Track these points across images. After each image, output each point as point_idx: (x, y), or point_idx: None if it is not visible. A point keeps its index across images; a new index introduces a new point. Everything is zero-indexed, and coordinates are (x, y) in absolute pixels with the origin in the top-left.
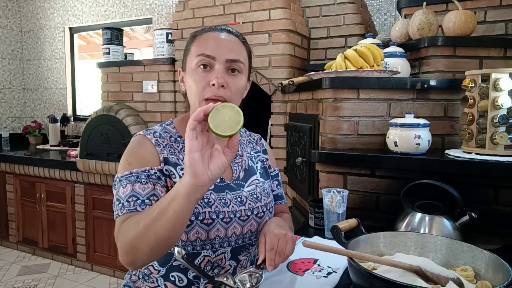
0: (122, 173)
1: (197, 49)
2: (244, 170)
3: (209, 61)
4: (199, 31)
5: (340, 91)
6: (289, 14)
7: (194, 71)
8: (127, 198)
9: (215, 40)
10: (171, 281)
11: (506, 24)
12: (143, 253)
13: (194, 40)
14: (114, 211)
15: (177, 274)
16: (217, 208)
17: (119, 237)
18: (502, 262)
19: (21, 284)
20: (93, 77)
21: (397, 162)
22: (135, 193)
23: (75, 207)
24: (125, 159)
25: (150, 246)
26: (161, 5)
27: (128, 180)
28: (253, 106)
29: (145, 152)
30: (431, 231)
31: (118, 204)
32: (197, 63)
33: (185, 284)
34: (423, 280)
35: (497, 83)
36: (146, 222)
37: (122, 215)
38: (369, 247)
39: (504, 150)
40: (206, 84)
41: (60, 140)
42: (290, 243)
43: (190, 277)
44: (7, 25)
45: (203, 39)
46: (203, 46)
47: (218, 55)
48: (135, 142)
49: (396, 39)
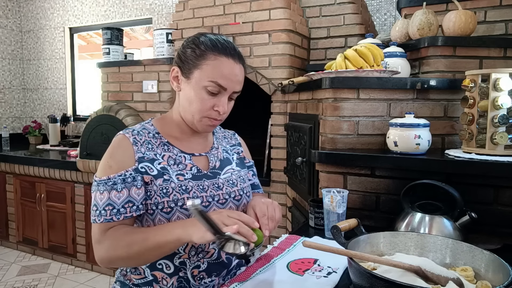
0: (101, 177)
1: (211, 73)
2: (220, 161)
3: (219, 90)
4: (214, 48)
5: (340, 91)
6: (289, 14)
7: (201, 90)
8: (104, 207)
9: (230, 70)
10: (159, 269)
11: (506, 24)
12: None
13: (207, 56)
14: (91, 215)
15: (164, 262)
16: (195, 193)
17: (102, 246)
18: (502, 262)
19: (21, 284)
20: (93, 77)
21: (397, 162)
22: (111, 202)
23: (75, 207)
24: (105, 161)
25: (138, 264)
26: (161, 5)
27: (105, 187)
28: (253, 106)
29: (123, 155)
30: (431, 231)
31: (96, 210)
32: (208, 86)
33: (173, 271)
34: (423, 280)
35: (497, 83)
36: (140, 250)
37: (99, 223)
38: (369, 247)
39: (504, 150)
40: (210, 107)
41: (60, 140)
42: (278, 209)
43: (177, 263)
44: (7, 25)
45: (219, 65)
46: (217, 73)
47: (229, 87)
48: (116, 143)
49: (396, 39)
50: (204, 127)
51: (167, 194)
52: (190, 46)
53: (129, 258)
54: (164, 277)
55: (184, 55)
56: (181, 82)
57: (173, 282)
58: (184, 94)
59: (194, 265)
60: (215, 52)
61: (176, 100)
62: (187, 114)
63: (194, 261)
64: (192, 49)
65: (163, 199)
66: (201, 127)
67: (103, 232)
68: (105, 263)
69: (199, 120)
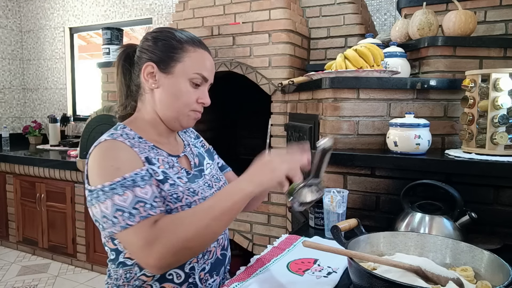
0: (112, 180)
1: (194, 66)
2: (197, 156)
3: (202, 82)
4: (189, 41)
5: (340, 91)
6: (289, 14)
7: (186, 82)
8: (133, 206)
9: (210, 63)
10: (168, 279)
11: (506, 24)
12: (193, 252)
13: (185, 48)
14: (116, 223)
15: (175, 271)
16: (202, 194)
17: (159, 241)
18: (502, 262)
19: (21, 284)
20: (93, 77)
21: (397, 162)
22: (140, 199)
23: (75, 207)
24: (108, 165)
25: (204, 244)
26: (161, 5)
27: (124, 187)
28: (253, 106)
29: (128, 155)
30: (431, 231)
31: (123, 214)
32: (192, 79)
33: (183, 279)
34: (423, 280)
35: (497, 83)
36: (209, 223)
37: (136, 223)
38: (369, 247)
39: (504, 150)
40: (195, 100)
41: (60, 140)
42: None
43: (187, 270)
44: (7, 25)
45: (201, 57)
46: (201, 65)
47: (210, 78)
48: (111, 147)
49: (396, 39)
50: (190, 121)
51: (179, 199)
52: (162, 38)
53: (196, 235)
54: (175, 286)
55: (158, 49)
56: (159, 78)
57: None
58: (165, 90)
59: (201, 268)
60: (192, 45)
61: (148, 99)
62: (169, 111)
63: (201, 264)
64: (166, 41)
65: (176, 205)
66: (187, 122)
67: (148, 228)
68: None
69: (186, 115)
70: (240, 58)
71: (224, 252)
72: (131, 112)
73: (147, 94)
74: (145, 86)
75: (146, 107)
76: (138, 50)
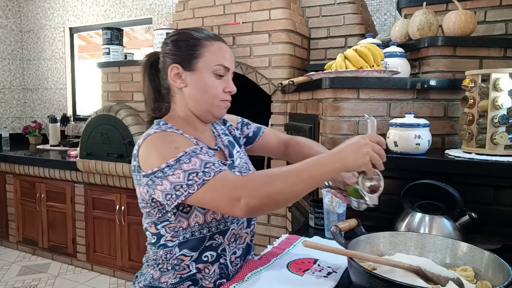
0: (176, 156)
1: (215, 58)
2: (227, 147)
3: (225, 72)
4: (205, 36)
5: (340, 91)
6: (289, 14)
7: (210, 75)
8: (204, 166)
9: (228, 52)
10: (204, 261)
11: (506, 24)
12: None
13: (203, 44)
14: (189, 185)
15: (210, 253)
16: None
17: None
18: (502, 262)
19: (21, 284)
20: (93, 77)
21: (397, 162)
22: (208, 161)
23: (75, 207)
24: (166, 147)
25: (287, 201)
26: (161, 5)
27: (190, 156)
28: (253, 106)
29: (182, 137)
30: (431, 231)
31: (197, 174)
32: (215, 71)
33: (215, 258)
34: (423, 280)
35: (497, 83)
36: (294, 181)
37: (211, 178)
38: (369, 247)
39: (504, 150)
40: (221, 90)
41: (60, 140)
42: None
43: (219, 251)
44: (7, 25)
45: (219, 49)
46: (221, 57)
47: (231, 67)
48: (162, 135)
49: (396, 39)
50: (221, 111)
51: None
52: (180, 40)
53: (283, 191)
54: (208, 266)
55: (179, 50)
56: (185, 77)
57: (214, 269)
58: (193, 87)
59: (232, 252)
60: (209, 39)
61: (179, 99)
62: (201, 105)
63: (232, 247)
64: (185, 41)
65: None
66: (219, 112)
67: (229, 179)
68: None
69: (217, 106)
70: (240, 58)
71: (252, 238)
72: (165, 113)
73: (177, 94)
74: (174, 87)
75: (179, 106)
76: (162, 56)
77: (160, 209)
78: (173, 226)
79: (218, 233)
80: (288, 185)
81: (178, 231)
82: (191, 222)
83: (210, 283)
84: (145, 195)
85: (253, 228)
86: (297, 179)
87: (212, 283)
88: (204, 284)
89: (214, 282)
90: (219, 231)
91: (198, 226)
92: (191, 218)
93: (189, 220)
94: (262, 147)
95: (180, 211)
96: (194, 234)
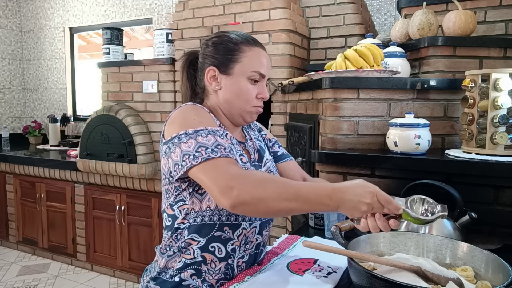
0: (195, 128)
1: (251, 64)
2: (257, 151)
3: (260, 78)
4: (245, 41)
5: (340, 91)
6: (289, 14)
7: (246, 81)
8: (215, 146)
9: (266, 59)
10: (211, 251)
11: (506, 24)
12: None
13: (242, 49)
14: (195, 157)
15: (217, 245)
16: None
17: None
18: (502, 262)
19: (21, 284)
20: (93, 77)
21: (397, 162)
22: (220, 143)
23: (75, 207)
24: (191, 118)
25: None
26: (161, 5)
27: (207, 132)
28: None
29: (209, 116)
30: (431, 231)
31: (206, 149)
32: (250, 77)
33: (224, 256)
34: (423, 280)
35: (497, 83)
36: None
37: (216, 157)
38: (369, 247)
39: (504, 150)
40: (254, 96)
41: (60, 140)
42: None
43: (229, 250)
44: (7, 25)
45: (257, 55)
46: (258, 63)
47: (267, 74)
48: (193, 107)
49: (396, 39)
50: (253, 116)
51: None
52: (220, 43)
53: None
54: (214, 260)
55: (218, 53)
56: (221, 80)
57: (220, 267)
58: (227, 90)
59: (240, 255)
60: (247, 44)
61: (213, 100)
62: (233, 109)
63: (242, 250)
64: (224, 45)
65: None
66: (250, 117)
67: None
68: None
69: (249, 111)
70: None
71: (262, 248)
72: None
73: (212, 95)
74: (209, 88)
75: (210, 106)
76: (201, 56)
77: (177, 187)
78: (187, 207)
79: (228, 226)
80: (283, 198)
81: (190, 213)
82: (203, 206)
83: (213, 279)
84: (164, 167)
85: (265, 238)
86: (293, 197)
87: (215, 279)
88: (207, 278)
89: (217, 280)
90: (229, 224)
91: (210, 212)
92: (204, 202)
93: (201, 203)
94: (281, 173)
95: (195, 191)
96: (204, 219)
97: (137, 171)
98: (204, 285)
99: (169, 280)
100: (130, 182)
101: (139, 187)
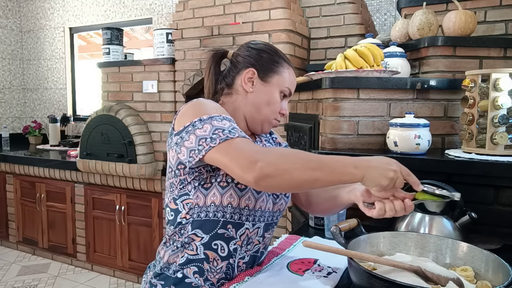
0: (209, 114)
1: (287, 80)
2: None
3: (288, 95)
4: (285, 58)
5: (340, 91)
6: (289, 14)
7: (277, 93)
8: (231, 128)
9: (295, 80)
10: (213, 249)
11: (506, 24)
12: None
13: (282, 64)
14: (213, 139)
15: (220, 243)
16: None
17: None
18: (502, 262)
19: (21, 284)
20: (93, 77)
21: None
22: (235, 127)
23: (75, 207)
24: (204, 108)
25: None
26: (161, 5)
27: (223, 118)
28: None
29: (223, 110)
30: (431, 231)
31: (223, 131)
32: (283, 91)
33: (226, 255)
34: (423, 280)
35: (497, 83)
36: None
37: (235, 137)
38: (369, 247)
39: (504, 150)
40: (278, 109)
41: (60, 140)
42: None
43: (231, 249)
44: (7, 25)
45: (292, 75)
46: (292, 81)
47: (292, 94)
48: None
49: (396, 39)
50: (270, 127)
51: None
52: (266, 51)
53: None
54: (216, 258)
55: (261, 59)
56: (256, 84)
57: (222, 266)
58: (259, 95)
59: (241, 256)
60: (287, 62)
61: (237, 100)
62: (258, 114)
63: (243, 251)
64: (269, 54)
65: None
66: (268, 127)
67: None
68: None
69: (270, 121)
70: None
71: (263, 251)
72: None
73: (239, 95)
74: (239, 87)
75: (232, 105)
76: (240, 56)
77: (182, 180)
78: (190, 202)
79: (232, 224)
80: (308, 167)
81: (194, 208)
82: (208, 201)
83: (214, 278)
84: (172, 160)
85: (266, 241)
86: (318, 166)
87: (216, 278)
88: (209, 277)
89: (218, 279)
90: (233, 222)
91: (214, 207)
92: (209, 197)
93: (206, 198)
94: None
95: (200, 185)
96: (209, 215)
97: (137, 171)
98: (206, 284)
99: (172, 276)
100: (130, 182)
101: (139, 187)
